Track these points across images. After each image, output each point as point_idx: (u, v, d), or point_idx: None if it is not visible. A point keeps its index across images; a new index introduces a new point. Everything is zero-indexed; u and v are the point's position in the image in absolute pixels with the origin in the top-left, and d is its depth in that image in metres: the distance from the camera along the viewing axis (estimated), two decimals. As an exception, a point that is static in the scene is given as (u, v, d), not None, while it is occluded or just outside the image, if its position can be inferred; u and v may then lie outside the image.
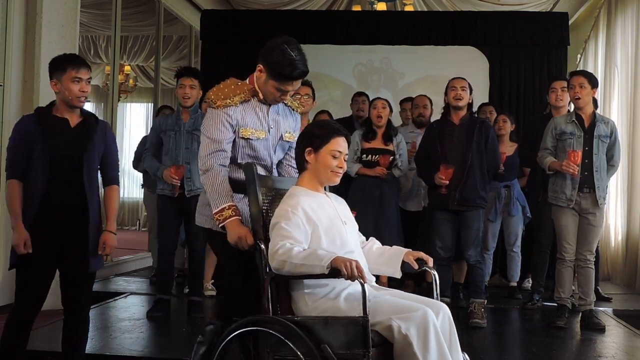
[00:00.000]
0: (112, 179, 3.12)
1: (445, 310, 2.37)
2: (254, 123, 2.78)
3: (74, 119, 3.03)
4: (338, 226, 2.54)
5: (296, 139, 2.75)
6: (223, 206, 2.62)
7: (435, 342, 2.21)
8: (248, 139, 2.76)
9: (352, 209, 2.80)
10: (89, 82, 3.04)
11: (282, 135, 2.85)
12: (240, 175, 2.71)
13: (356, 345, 2.20)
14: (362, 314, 2.22)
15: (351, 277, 2.21)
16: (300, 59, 2.68)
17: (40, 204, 2.92)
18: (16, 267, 2.95)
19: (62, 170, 2.94)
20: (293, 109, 2.95)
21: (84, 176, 2.96)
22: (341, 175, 2.61)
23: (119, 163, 3.21)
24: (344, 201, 2.76)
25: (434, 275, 2.47)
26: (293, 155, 2.83)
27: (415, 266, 2.52)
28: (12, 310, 2.98)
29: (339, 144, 2.57)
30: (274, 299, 2.45)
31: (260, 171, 2.78)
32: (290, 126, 2.90)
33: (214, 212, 2.64)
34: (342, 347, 2.22)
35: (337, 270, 2.24)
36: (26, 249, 2.89)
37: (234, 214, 2.62)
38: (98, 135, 3.05)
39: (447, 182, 4.30)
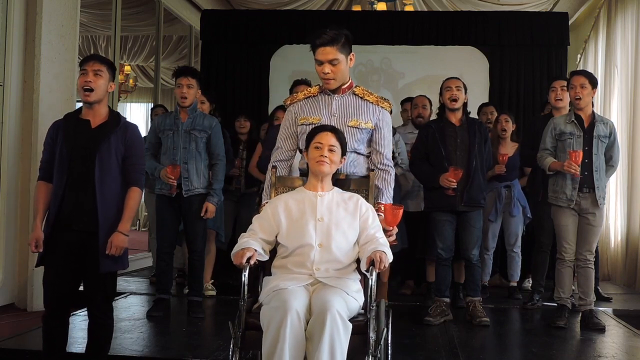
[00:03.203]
0: (132, 181, 3.05)
1: (325, 316, 2.34)
2: (312, 112, 2.98)
3: (96, 120, 3.01)
4: (306, 221, 2.68)
5: (378, 130, 2.98)
6: (263, 202, 2.94)
7: (271, 338, 2.33)
8: (302, 124, 2.97)
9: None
10: (98, 74, 2.96)
11: (346, 122, 2.95)
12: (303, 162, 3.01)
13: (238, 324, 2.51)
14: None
15: (238, 265, 2.51)
16: (332, 29, 2.81)
17: (59, 205, 2.94)
18: (38, 265, 3.03)
19: (79, 172, 2.95)
20: (371, 102, 3.01)
21: (95, 176, 2.93)
22: (326, 163, 2.72)
23: None
24: (357, 201, 2.78)
25: (371, 280, 2.51)
26: (380, 156, 2.99)
27: (364, 268, 2.58)
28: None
29: (321, 137, 2.75)
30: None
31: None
32: (360, 116, 2.96)
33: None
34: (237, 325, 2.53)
35: None
36: (37, 249, 2.96)
37: None
38: (117, 135, 2.99)
39: (456, 184, 4.30)
